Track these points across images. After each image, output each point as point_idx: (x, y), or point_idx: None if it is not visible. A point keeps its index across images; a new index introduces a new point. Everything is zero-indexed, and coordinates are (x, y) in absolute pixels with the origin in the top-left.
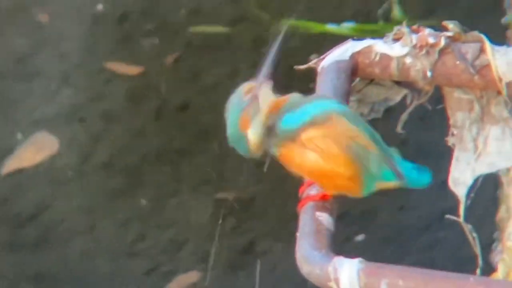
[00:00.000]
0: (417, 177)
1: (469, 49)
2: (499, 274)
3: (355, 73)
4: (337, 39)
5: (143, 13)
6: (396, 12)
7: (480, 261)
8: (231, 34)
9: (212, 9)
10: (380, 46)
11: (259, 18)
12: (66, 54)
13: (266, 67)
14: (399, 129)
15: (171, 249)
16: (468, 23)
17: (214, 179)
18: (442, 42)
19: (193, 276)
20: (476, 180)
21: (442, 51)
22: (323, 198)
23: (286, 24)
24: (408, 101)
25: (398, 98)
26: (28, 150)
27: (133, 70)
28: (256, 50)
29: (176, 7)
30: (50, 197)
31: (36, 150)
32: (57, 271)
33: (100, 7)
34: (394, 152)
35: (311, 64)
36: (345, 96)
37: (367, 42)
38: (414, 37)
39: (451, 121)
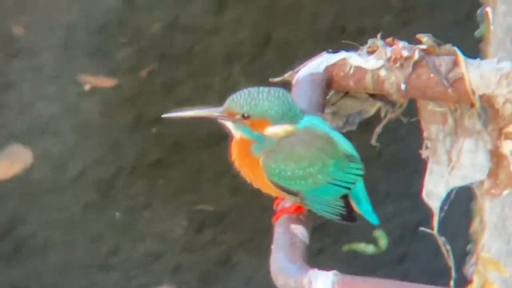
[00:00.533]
0: (370, 213)
1: (443, 62)
2: (474, 285)
3: (329, 85)
4: (311, 52)
5: (118, 25)
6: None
7: (453, 273)
8: (206, 46)
9: (187, 22)
10: (354, 59)
11: (235, 31)
12: (40, 66)
13: None
14: (373, 141)
15: (145, 262)
16: (442, 36)
17: (189, 191)
18: (416, 55)
19: None
20: (449, 193)
21: (416, 64)
22: (297, 210)
23: None
24: (383, 114)
25: (372, 110)
26: (2, 163)
27: (107, 82)
28: (230, 63)
29: (151, 20)
30: (24, 210)
31: (10, 163)
32: (31, 284)
33: (74, 19)
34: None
35: (285, 76)
36: (320, 109)
37: (341, 55)
38: (388, 50)
39: (425, 134)
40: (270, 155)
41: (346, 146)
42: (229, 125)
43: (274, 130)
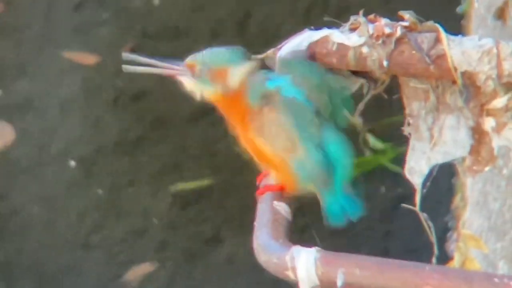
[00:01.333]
0: (349, 209)
1: (425, 39)
2: (455, 262)
3: None
4: (293, 29)
5: (100, 2)
6: None
7: (436, 250)
8: (188, 23)
9: None
10: (337, 36)
11: (217, 8)
12: (22, 43)
13: None
14: (356, 118)
15: (128, 240)
16: (424, 12)
17: (172, 168)
18: (398, 32)
19: (151, 266)
20: (431, 169)
21: (398, 41)
22: (281, 188)
23: None
24: (365, 90)
25: (355, 87)
26: None
27: (89, 59)
28: (213, 39)
29: None
30: (6, 187)
31: None
32: (14, 261)
33: None
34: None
35: (268, 53)
36: None
37: (324, 32)
38: (370, 27)
39: (407, 111)
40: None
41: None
42: (189, 82)
43: (237, 73)
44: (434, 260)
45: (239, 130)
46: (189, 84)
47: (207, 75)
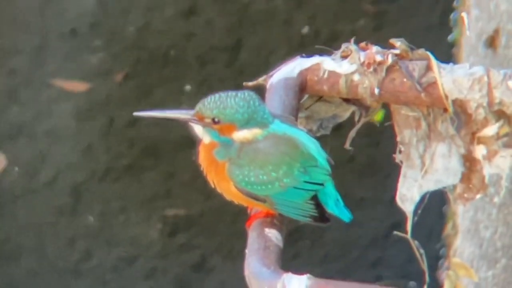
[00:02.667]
0: (338, 214)
1: (416, 67)
2: None
3: (303, 90)
4: (285, 56)
5: (92, 29)
6: None
7: (427, 278)
8: (180, 50)
9: (160, 26)
10: (328, 63)
11: (208, 36)
12: (14, 70)
13: None
14: (347, 145)
15: (119, 267)
16: (415, 41)
17: (162, 195)
18: (390, 59)
19: None
20: (423, 197)
21: (389, 69)
22: (268, 214)
23: None
24: (356, 118)
25: (346, 115)
26: None
27: (81, 86)
28: (204, 66)
29: (125, 24)
30: None
31: None
32: None
33: (47, 23)
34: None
35: (260, 80)
36: (294, 113)
37: (315, 60)
38: (362, 55)
39: (398, 138)
40: (234, 160)
41: (312, 149)
42: (198, 129)
43: (242, 134)
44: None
45: (212, 175)
46: (198, 130)
47: (216, 127)
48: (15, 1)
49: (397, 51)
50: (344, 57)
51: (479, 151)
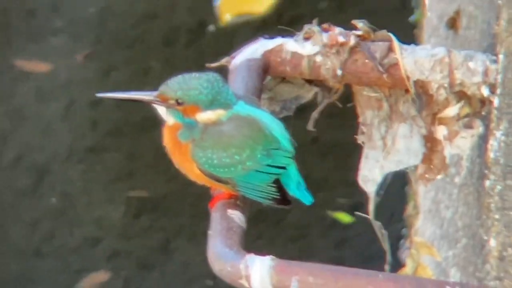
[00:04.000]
0: (299, 196)
1: (378, 48)
2: (408, 269)
3: (266, 71)
4: (247, 38)
5: (52, 10)
6: None
7: (389, 257)
8: (142, 31)
9: (122, 7)
10: (291, 45)
11: (170, 17)
12: None
13: None
14: (310, 127)
15: (82, 248)
16: (377, 22)
17: (125, 177)
18: (352, 41)
19: (104, 275)
20: (385, 178)
21: (351, 50)
22: (231, 196)
23: None
24: (319, 99)
25: (309, 96)
26: None
27: (42, 67)
28: (167, 47)
29: (86, 5)
30: None
31: None
32: None
33: (8, 2)
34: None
35: (222, 62)
36: (257, 94)
37: (278, 41)
38: (324, 36)
39: (360, 119)
40: (198, 142)
41: (275, 131)
42: (161, 110)
43: (205, 116)
44: (387, 267)
45: (176, 157)
46: (162, 111)
47: (179, 109)
48: None
49: (359, 32)
50: (306, 38)
51: (440, 131)
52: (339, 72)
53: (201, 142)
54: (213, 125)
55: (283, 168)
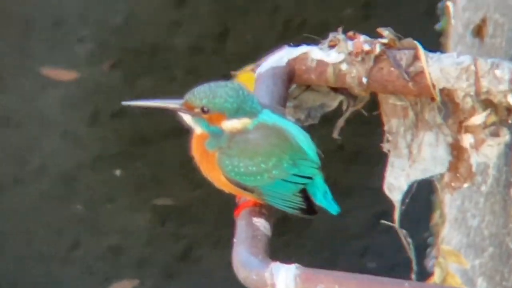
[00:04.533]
0: (326, 206)
1: (404, 56)
2: (436, 278)
3: (291, 79)
4: (272, 45)
5: (79, 18)
6: None
7: (414, 266)
8: (167, 39)
9: (148, 15)
10: (316, 53)
11: (196, 25)
12: (1, 58)
13: None
14: (335, 135)
15: (107, 256)
16: (403, 30)
17: (151, 184)
18: (377, 49)
19: (130, 283)
20: (411, 186)
21: (377, 58)
22: (256, 204)
23: None
24: (344, 107)
25: (334, 104)
26: None
27: (68, 75)
28: (192, 55)
29: (112, 13)
30: None
31: None
32: None
33: (34, 11)
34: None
35: (247, 70)
36: (282, 102)
37: (303, 49)
38: (349, 44)
39: (386, 127)
40: (224, 150)
41: (302, 142)
42: (187, 118)
43: (231, 124)
44: (413, 276)
45: (203, 165)
46: (188, 119)
47: (204, 117)
48: None
49: (384, 40)
50: (332, 46)
51: (467, 140)
52: (364, 80)
53: (228, 150)
54: (240, 134)
55: (309, 178)
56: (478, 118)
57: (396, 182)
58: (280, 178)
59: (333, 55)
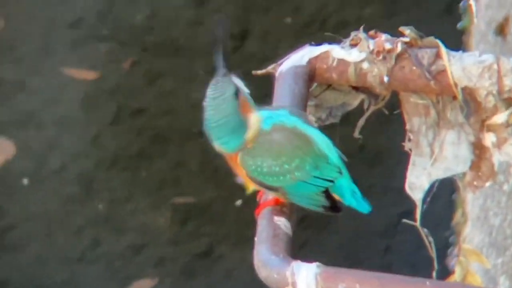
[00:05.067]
0: (356, 206)
1: (425, 55)
2: (456, 276)
3: (312, 78)
4: (293, 44)
5: (99, 17)
6: None
7: (436, 265)
8: (188, 38)
9: (168, 14)
10: (337, 52)
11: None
12: (22, 58)
13: (219, 62)
14: (356, 134)
15: (128, 255)
16: (425, 28)
17: (171, 183)
18: (399, 47)
19: (150, 282)
20: (432, 185)
21: (398, 57)
22: (277, 202)
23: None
24: (366, 106)
25: (355, 103)
26: None
27: (89, 75)
28: (212, 54)
29: (133, 12)
30: (5, 202)
31: None
32: (12, 276)
33: (54, 11)
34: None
35: (269, 69)
36: (303, 101)
37: (324, 48)
38: (371, 43)
39: (407, 126)
40: (247, 151)
41: (323, 145)
42: None
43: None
44: (434, 275)
45: (231, 164)
46: None
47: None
48: None
49: (406, 39)
50: (353, 45)
51: (489, 138)
52: (386, 79)
53: (251, 151)
54: (262, 135)
55: (331, 181)
56: (501, 117)
57: (418, 181)
58: (303, 179)
59: (355, 54)
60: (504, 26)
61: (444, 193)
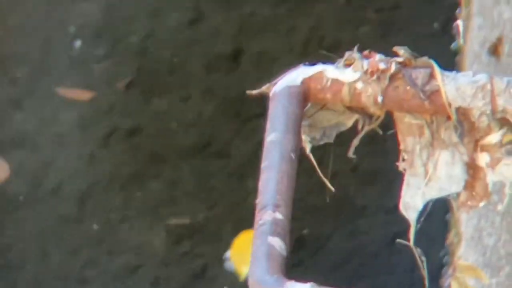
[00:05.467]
0: None
1: (419, 75)
2: None
3: (307, 98)
4: (288, 64)
5: (95, 38)
6: None
7: (427, 284)
8: (183, 58)
9: (164, 34)
10: (331, 72)
11: (212, 44)
12: (17, 78)
13: None
14: (350, 154)
15: (123, 275)
16: (419, 48)
17: (166, 204)
18: (393, 67)
19: None
20: (426, 205)
21: (392, 77)
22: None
23: None
24: (360, 126)
25: (349, 123)
26: None
27: (84, 95)
28: (208, 74)
29: (128, 32)
30: (1, 222)
31: None
32: None
33: (50, 31)
34: None
35: (263, 89)
36: (297, 122)
37: (318, 68)
38: (365, 63)
39: (401, 146)
40: None
41: None
42: None
43: None
44: None
45: None
46: None
47: None
48: (17, 9)
49: (400, 59)
50: (347, 65)
51: (483, 158)
52: (380, 99)
53: None
54: None
55: None
56: (494, 137)
57: (412, 201)
58: None
59: (349, 74)
60: (497, 46)
61: (438, 213)
